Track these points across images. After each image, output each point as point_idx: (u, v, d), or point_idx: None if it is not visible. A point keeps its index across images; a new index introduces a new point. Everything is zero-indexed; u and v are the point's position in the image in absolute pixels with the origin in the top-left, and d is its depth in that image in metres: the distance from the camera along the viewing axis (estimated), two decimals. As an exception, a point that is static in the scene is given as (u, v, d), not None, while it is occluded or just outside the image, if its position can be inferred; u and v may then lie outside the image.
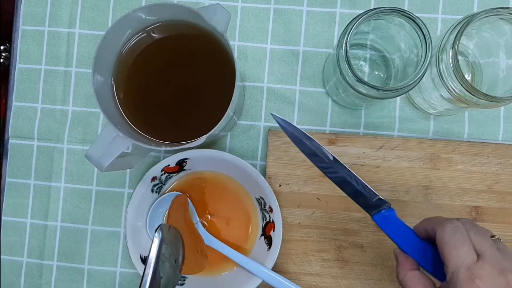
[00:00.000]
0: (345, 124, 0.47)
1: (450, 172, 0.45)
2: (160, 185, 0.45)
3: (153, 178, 0.44)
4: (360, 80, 0.35)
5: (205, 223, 0.46)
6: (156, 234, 0.35)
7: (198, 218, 0.45)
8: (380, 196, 0.34)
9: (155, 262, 0.33)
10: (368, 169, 0.45)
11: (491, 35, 0.38)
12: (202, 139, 0.34)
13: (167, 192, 0.46)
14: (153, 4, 0.35)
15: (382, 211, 0.33)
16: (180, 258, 0.37)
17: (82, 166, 0.49)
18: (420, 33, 0.34)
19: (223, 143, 0.48)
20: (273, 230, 0.43)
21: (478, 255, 0.27)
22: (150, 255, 0.33)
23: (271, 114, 0.36)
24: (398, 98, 0.47)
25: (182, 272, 0.37)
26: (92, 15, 0.49)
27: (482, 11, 0.34)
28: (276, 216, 0.43)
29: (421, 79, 0.35)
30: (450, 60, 0.35)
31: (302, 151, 0.35)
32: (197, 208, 0.46)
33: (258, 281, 0.42)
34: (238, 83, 0.35)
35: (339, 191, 0.46)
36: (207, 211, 0.46)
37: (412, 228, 0.33)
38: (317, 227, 0.45)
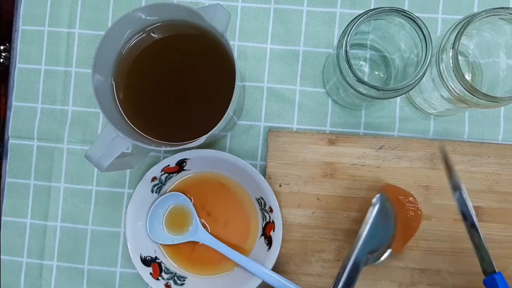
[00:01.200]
0: (345, 124, 0.47)
1: (450, 172, 0.45)
2: (160, 185, 0.45)
3: (153, 178, 0.44)
4: (360, 80, 0.35)
5: (205, 223, 0.46)
6: (375, 200, 0.35)
7: (198, 218, 0.45)
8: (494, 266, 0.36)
9: (369, 229, 0.34)
10: (368, 169, 0.45)
11: (491, 35, 0.38)
12: (202, 139, 0.34)
13: (167, 192, 0.46)
14: (153, 4, 0.35)
15: (494, 275, 0.35)
16: (391, 232, 0.37)
17: (82, 166, 0.49)
18: (420, 33, 0.34)
19: (223, 143, 0.48)
20: (273, 230, 0.43)
21: None
22: (364, 224, 0.34)
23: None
24: (398, 98, 0.47)
25: (392, 247, 0.37)
26: (92, 15, 0.49)
27: (483, 11, 0.34)
28: (276, 216, 0.43)
29: (421, 79, 0.35)
30: (450, 60, 0.35)
31: None
32: (197, 208, 0.46)
33: (258, 281, 0.42)
34: (238, 83, 0.35)
35: (339, 191, 0.46)
36: (207, 211, 0.46)
37: None
38: (317, 227, 0.45)
